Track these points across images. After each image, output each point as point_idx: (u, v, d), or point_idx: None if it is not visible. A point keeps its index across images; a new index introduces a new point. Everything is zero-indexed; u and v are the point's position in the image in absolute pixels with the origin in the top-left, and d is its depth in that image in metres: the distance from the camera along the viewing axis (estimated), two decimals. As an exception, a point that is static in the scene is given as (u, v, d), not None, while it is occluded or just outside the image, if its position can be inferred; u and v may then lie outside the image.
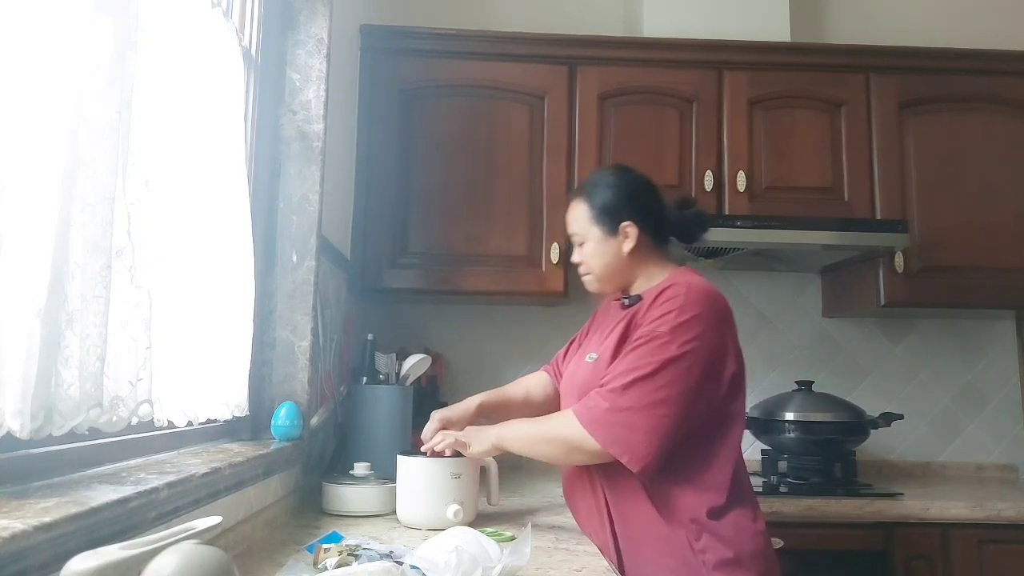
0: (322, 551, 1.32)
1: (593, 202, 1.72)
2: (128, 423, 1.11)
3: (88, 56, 0.98)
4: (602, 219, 1.70)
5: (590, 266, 1.74)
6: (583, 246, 1.74)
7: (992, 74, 2.73)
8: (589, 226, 1.71)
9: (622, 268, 1.71)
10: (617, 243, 1.69)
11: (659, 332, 1.52)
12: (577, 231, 1.75)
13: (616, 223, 1.69)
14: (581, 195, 1.75)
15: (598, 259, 1.71)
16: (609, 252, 1.70)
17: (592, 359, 1.66)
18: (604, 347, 1.64)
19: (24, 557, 0.75)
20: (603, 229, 1.70)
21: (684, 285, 1.57)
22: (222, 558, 0.80)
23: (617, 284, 1.74)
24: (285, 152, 1.97)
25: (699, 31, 2.73)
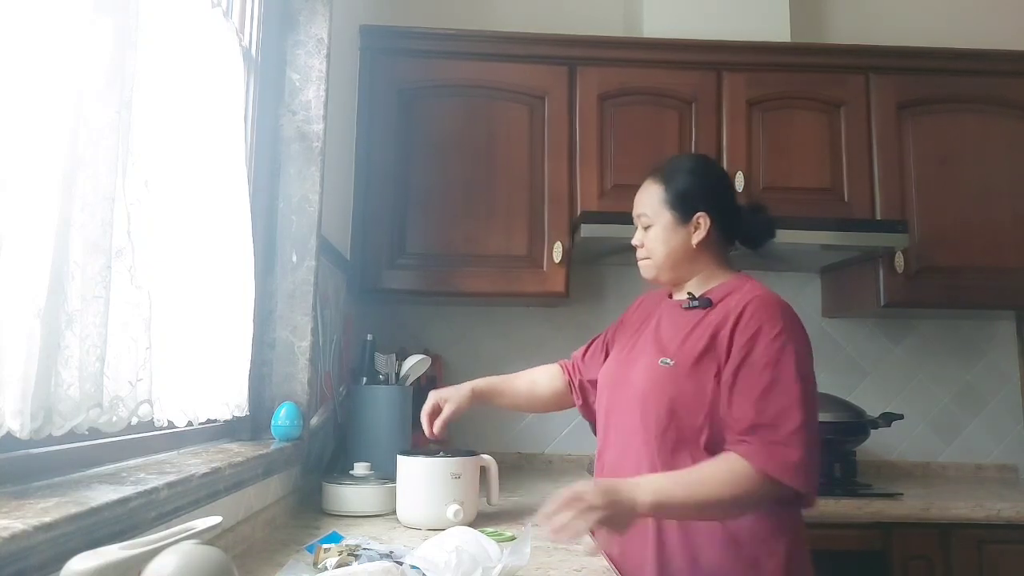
0: (322, 551, 1.32)
1: (671, 185, 1.64)
2: (128, 423, 1.11)
3: (88, 56, 0.98)
4: (677, 205, 1.63)
5: (652, 251, 1.66)
6: (649, 229, 1.66)
7: (992, 75, 2.73)
8: (661, 209, 1.64)
9: (685, 260, 1.64)
10: (687, 233, 1.62)
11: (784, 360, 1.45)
12: (647, 212, 1.66)
13: (691, 212, 1.62)
14: (658, 176, 1.67)
15: (663, 246, 1.64)
16: (676, 240, 1.63)
17: (668, 363, 1.55)
18: (682, 352, 1.54)
19: (24, 557, 0.75)
20: (676, 215, 1.63)
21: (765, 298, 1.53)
22: (222, 558, 0.80)
23: (674, 276, 1.67)
24: (285, 152, 1.97)
25: (699, 32, 2.73)
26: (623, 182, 2.58)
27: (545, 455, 2.86)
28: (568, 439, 2.87)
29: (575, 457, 2.84)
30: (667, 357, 1.57)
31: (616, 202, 2.55)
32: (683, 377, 1.52)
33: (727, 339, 1.50)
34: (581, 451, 2.82)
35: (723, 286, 1.62)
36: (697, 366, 1.51)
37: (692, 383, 1.51)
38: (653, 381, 1.56)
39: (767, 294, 1.56)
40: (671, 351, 1.57)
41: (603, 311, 2.92)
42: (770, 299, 1.54)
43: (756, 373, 1.45)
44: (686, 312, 1.62)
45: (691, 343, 1.55)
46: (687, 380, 1.51)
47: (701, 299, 1.62)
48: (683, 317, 1.62)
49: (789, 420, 1.41)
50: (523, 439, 2.87)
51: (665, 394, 1.52)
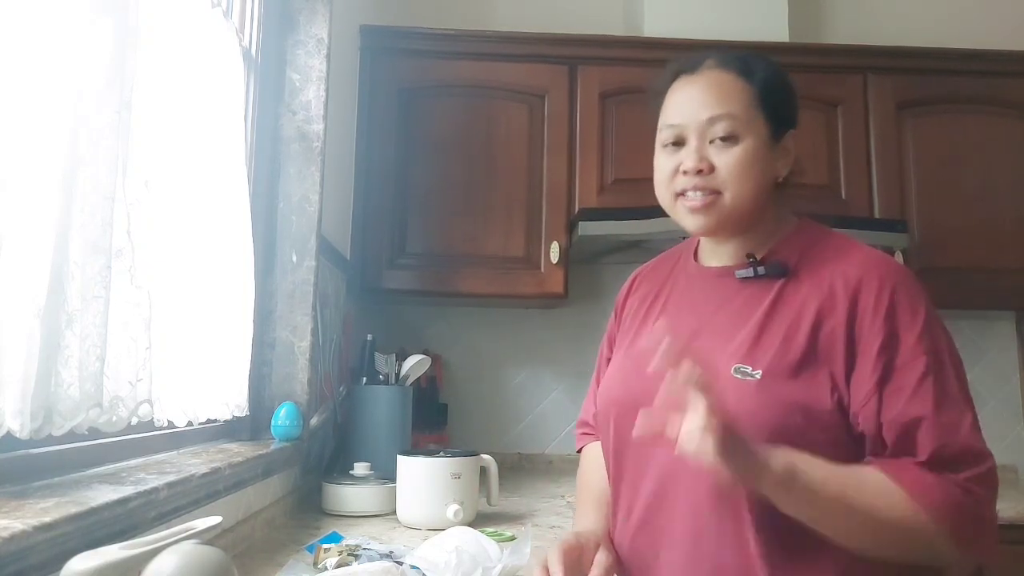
0: (322, 551, 1.32)
1: (762, 80, 1.13)
2: (128, 423, 1.11)
3: (88, 56, 0.98)
4: (776, 113, 1.13)
5: (732, 179, 1.09)
6: (730, 142, 1.09)
7: (991, 75, 2.73)
8: (754, 114, 1.11)
9: (765, 198, 1.12)
10: (778, 158, 1.14)
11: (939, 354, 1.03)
12: (735, 113, 1.10)
13: (786, 127, 1.15)
14: (731, 66, 1.14)
15: (751, 169, 1.09)
16: (767, 164, 1.11)
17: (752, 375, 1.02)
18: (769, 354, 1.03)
19: (24, 557, 0.75)
20: (772, 128, 1.12)
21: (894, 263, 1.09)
22: (222, 558, 0.80)
23: (747, 223, 1.13)
24: (285, 152, 1.97)
25: (699, 31, 2.72)
26: (624, 176, 2.58)
27: (545, 455, 2.86)
28: (568, 439, 2.87)
29: (575, 457, 2.82)
30: (744, 363, 1.03)
31: (617, 197, 2.55)
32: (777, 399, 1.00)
33: (843, 331, 1.02)
34: (581, 451, 2.82)
35: (789, 241, 1.14)
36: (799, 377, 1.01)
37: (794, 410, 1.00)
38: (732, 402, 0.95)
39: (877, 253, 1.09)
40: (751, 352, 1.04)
41: (602, 311, 2.92)
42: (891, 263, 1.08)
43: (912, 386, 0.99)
44: (743, 285, 1.12)
45: (779, 337, 1.04)
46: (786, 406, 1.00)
47: (770, 264, 1.11)
48: (740, 294, 1.12)
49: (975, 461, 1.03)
50: (523, 439, 2.86)
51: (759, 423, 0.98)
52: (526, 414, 2.87)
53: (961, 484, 0.99)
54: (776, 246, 1.13)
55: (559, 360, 2.91)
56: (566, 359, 2.91)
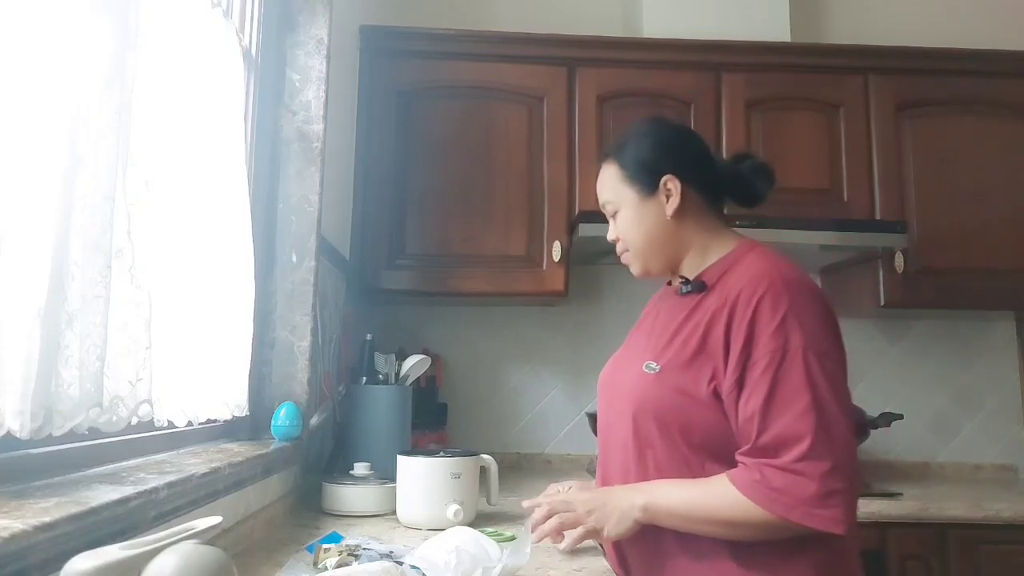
0: (322, 551, 1.32)
1: (624, 159, 1.41)
2: (128, 423, 1.11)
3: (88, 56, 0.98)
4: (637, 176, 1.39)
5: (628, 239, 1.42)
6: (617, 216, 1.43)
7: (991, 75, 2.74)
8: (622, 189, 1.41)
9: (667, 237, 1.39)
10: (658, 204, 1.38)
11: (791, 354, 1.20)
12: (609, 198, 1.44)
13: (655, 179, 1.38)
14: (609, 155, 1.45)
15: (636, 228, 1.40)
16: (649, 217, 1.38)
17: (653, 369, 1.32)
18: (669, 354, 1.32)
19: (24, 557, 0.75)
20: (639, 189, 1.39)
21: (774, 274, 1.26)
22: (222, 558, 0.80)
23: (664, 260, 1.41)
24: (284, 152, 1.97)
25: (698, 32, 2.73)
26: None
27: (545, 455, 2.86)
28: (567, 439, 2.88)
29: (574, 457, 2.84)
30: (652, 360, 1.34)
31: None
32: (668, 387, 1.29)
33: (722, 334, 1.25)
34: (580, 451, 2.83)
35: (722, 261, 1.36)
36: (686, 371, 1.28)
37: (678, 394, 1.27)
38: (638, 391, 1.33)
39: (771, 266, 1.29)
40: (657, 352, 1.34)
41: (602, 311, 2.92)
42: (773, 274, 1.26)
43: (755, 380, 1.21)
44: (682, 299, 1.38)
45: (680, 341, 1.31)
46: (672, 390, 1.28)
47: (694, 282, 1.37)
48: (678, 307, 1.38)
49: (793, 443, 1.16)
50: (523, 439, 2.87)
51: (649, 408, 1.31)
52: (526, 414, 2.87)
53: (781, 467, 1.17)
54: (708, 268, 1.38)
55: (559, 360, 2.91)
56: (566, 359, 2.91)
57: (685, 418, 1.27)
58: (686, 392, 1.27)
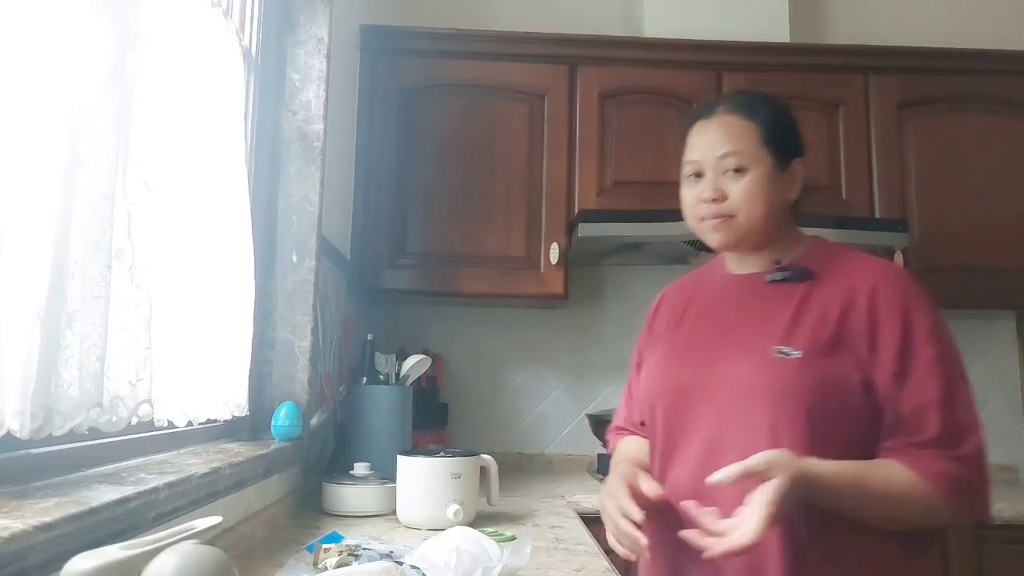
0: (322, 551, 1.32)
1: (766, 122, 1.30)
2: (128, 423, 1.11)
3: (88, 56, 0.98)
4: (778, 145, 1.29)
5: (743, 205, 1.27)
6: (740, 175, 1.27)
7: (991, 74, 2.73)
8: (759, 149, 1.28)
9: (779, 217, 1.31)
10: (785, 182, 1.30)
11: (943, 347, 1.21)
12: (741, 150, 1.28)
13: (789, 156, 1.31)
14: (740, 109, 1.31)
15: (762, 196, 1.27)
16: (776, 191, 1.29)
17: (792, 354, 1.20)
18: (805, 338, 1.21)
19: (24, 557, 0.75)
20: (777, 160, 1.29)
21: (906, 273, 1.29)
22: (222, 558, 0.80)
23: (763, 239, 1.31)
24: (285, 152, 1.96)
25: (699, 31, 2.72)
26: (624, 179, 2.58)
27: (545, 455, 2.86)
28: (569, 439, 2.87)
29: (576, 457, 2.84)
30: (784, 345, 1.21)
31: (617, 199, 2.55)
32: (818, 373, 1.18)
33: (866, 325, 1.20)
34: (582, 451, 2.82)
35: (807, 253, 1.32)
36: (830, 359, 1.19)
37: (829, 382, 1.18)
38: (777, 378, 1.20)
39: (891, 265, 1.30)
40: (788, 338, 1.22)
41: (603, 313, 2.92)
42: (901, 271, 1.28)
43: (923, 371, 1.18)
44: (772, 287, 1.29)
45: (808, 328, 1.22)
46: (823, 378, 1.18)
47: (796, 269, 1.29)
48: (771, 293, 1.29)
49: (970, 435, 1.16)
50: (523, 439, 2.86)
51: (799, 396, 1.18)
52: (526, 414, 2.87)
53: (962, 459, 1.15)
54: (798, 256, 1.31)
55: (559, 360, 2.91)
56: (566, 359, 2.91)
57: (835, 408, 1.18)
58: (837, 381, 1.18)
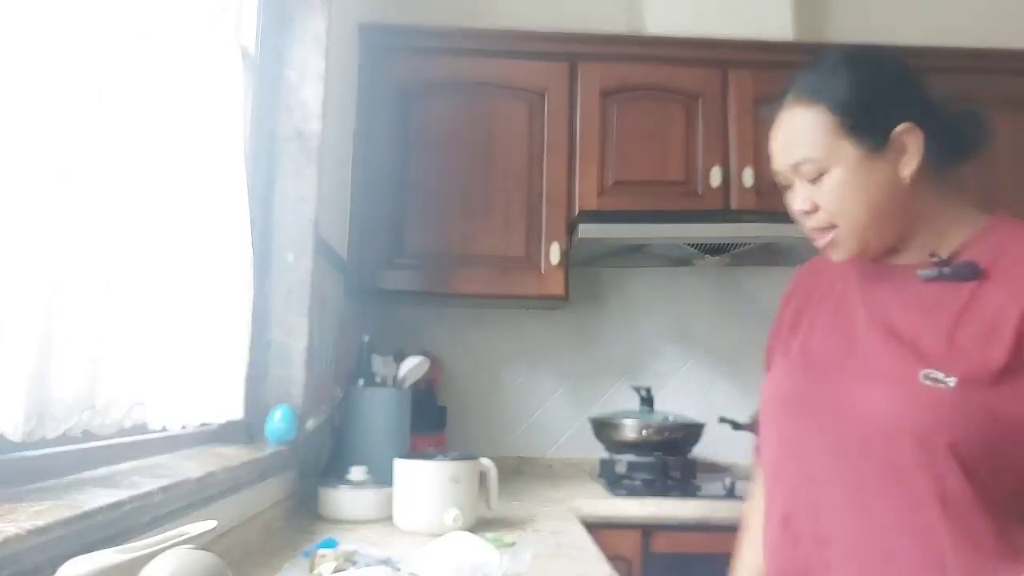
0: (318, 557, 1.30)
1: (838, 103, 1.06)
2: (121, 426, 1.10)
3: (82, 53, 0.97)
4: (862, 126, 1.05)
5: (840, 211, 1.06)
6: (822, 179, 1.07)
7: (996, 73, 2.72)
8: (835, 142, 1.05)
9: (899, 206, 1.06)
10: (888, 163, 1.05)
11: None
12: (811, 155, 1.07)
13: (886, 129, 1.04)
14: (807, 95, 1.10)
15: (858, 195, 1.05)
16: (877, 179, 1.04)
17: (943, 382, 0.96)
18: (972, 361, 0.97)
19: (17, 561, 0.74)
20: (864, 143, 1.04)
21: None
22: (217, 563, 0.79)
23: (891, 237, 1.08)
24: (282, 151, 1.95)
25: (702, 28, 2.71)
26: (626, 178, 2.57)
27: (546, 459, 2.84)
28: (570, 443, 2.85)
29: (576, 461, 2.82)
30: (935, 368, 0.97)
31: (618, 200, 2.54)
32: (975, 407, 0.95)
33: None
34: (583, 455, 2.80)
35: (981, 238, 1.05)
36: (1000, 386, 0.95)
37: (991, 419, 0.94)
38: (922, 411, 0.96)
39: None
40: (942, 359, 0.98)
41: (604, 314, 2.90)
42: None
43: None
44: (926, 286, 1.05)
45: (976, 343, 0.97)
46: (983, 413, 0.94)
47: (957, 264, 1.03)
48: (924, 295, 1.05)
49: None
50: (524, 443, 2.85)
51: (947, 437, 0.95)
52: (526, 417, 2.86)
53: None
54: (963, 244, 1.05)
55: (560, 363, 2.89)
56: (567, 362, 2.89)
57: (1000, 453, 0.94)
58: (1008, 418, 0.94)
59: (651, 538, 2.13)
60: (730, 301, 2.90)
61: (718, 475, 2.55)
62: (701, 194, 2.56)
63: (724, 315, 2.88)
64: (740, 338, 2.83)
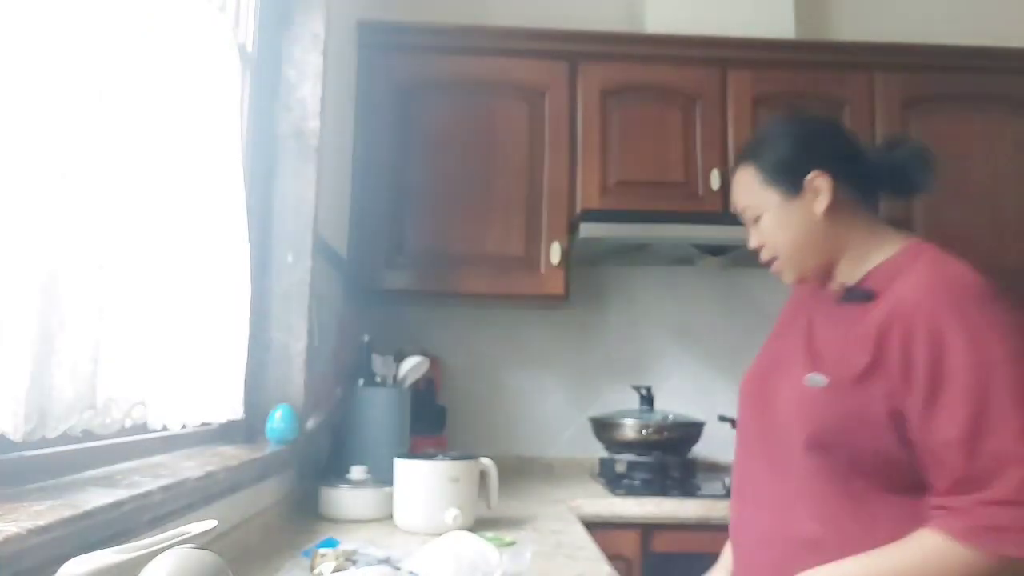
0: (319, 556, 1.30)
1: (763, 161, 1.33)
2: (122, 426, 1.10)
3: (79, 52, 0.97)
4: (779, 177, 1.30)
5: (774, 245, 1.33)
6: (759, 222, 1.34)
7: (998, 72, 2.71)
8: (763, 192, 1.32)
9: (819, 238, 1.29)
10: (806, 204, 1.28)
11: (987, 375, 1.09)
12: (748, 203, 1.35)
13: (799, 177, 1.28)
14: (746, 159, 1.36)
15: (783, 232, 1.30)
16: (797, 218, 1.29)
17: (820, 383, 1.21)
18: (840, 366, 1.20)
19: (17, 560, 0.74)
20: (782, 190, 1.30)
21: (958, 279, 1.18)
22: (217, 563, 0.79)
23: (818, 264, 1.31)
24: (280, 150, 1.95)
25: (703, 27, 2.70)
26: (627, 179, 2.57)
27: (546, 459, 2.84)
28: (569, 443, 2.85)
29: (577, 461, 2.82)
30: (818, 372, 1.22)
31: (619, 200, 2.54)
32: (838, 404, 1.18)
33: (900, 348, 1.14)
34: (582, 455, 2.80)
35: (887, 265, 1.25)
36: (858, 388, 1.17)
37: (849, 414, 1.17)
38: (803, 406, 1.23)
39: (948, 272, 1.19)
40: (819, 363, 1.24)
41: (605, 314, 2.90)
42: (954, 280, 1.18)
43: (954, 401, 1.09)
44: (844, 308, 1.27)
45: (850, 353, 1.20)
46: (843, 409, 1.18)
47: (857, 290, 1.26)
48: (840, 314, 1.28)
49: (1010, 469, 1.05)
50: (523, 442, 2.85)
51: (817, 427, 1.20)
52: (526, 417, 2.85)
53: (1002, 501, 1.05)
54: (870, 273, 1.27)
55: (560, 362, 2.89)
56: (567, 361, 2.89)
57: (856, 442, 1.17)
58: (859, 413, 1.16)
59: (651, 537, 2.13)
60: (730, 301, 2.90)
61: (717, 474, 2.55)
62: (701, 196, 2.56)
63: (724, 315, 2.88)
64: (740, 338, 2.83)
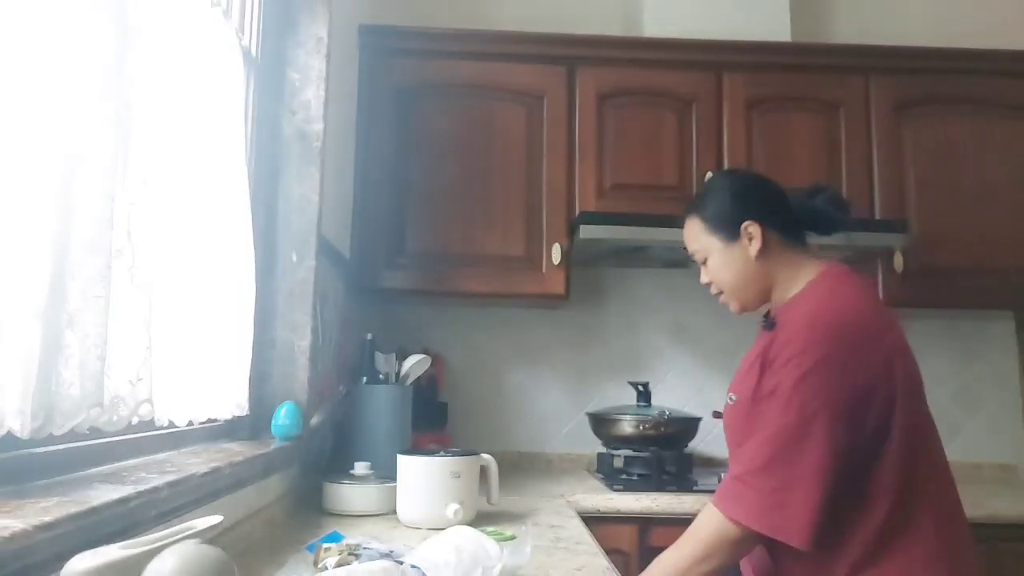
0: (322, 550, 1.31)
1: (705, 213, 1.57)
2: (128, 423, 1.11)
3: (87, 55, 0.98)
4: (719, 226, 1.55)
5: (720, 282, 1.57)
6: (707, 263, 1.58)
7: (993, 75, 2.72)
8: (707, 239, 1.56)
9: (755, 275, 1.52)
10: (742, 248, 1.52)
11: (782, 389, 1.33)
12: (696, 248, 1.59)
13: (735, 226, 1.52)
14: (692, 211, 1.61)
15: (726, 271, 1.54)
16: (735, 260, 1.53)
17: (731, 400, 1.50)
18: (744, 385, 1.45)
19: (24, 556, 0.75)
20: (723, 236, 1.54)
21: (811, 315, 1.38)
22: (222, 557, 0.80)
23: (757, 296, 1.55)
24: (285, 152, 1.97)
25: (699, 31, 2.72)
26: (622, 182, 2.58)
27: (546, 454, 2.86)
28: (569, 438, 2.87)
29: (575, 456, 2.84)
30: (733, 391, 1.50)
31: (616, 202, 2.55)
32: (741, 418, 1.44)
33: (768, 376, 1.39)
34: (581, 450, 2.82)
35: (796, 296, 1.48)
36: (753, 405, 1.40)
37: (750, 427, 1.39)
38: (725, 419, 1.53)
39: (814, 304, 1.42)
40: (736, 384, 1.51)
41: (605, 314, 2.92)
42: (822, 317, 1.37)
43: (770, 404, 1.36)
44: (761, 334, 1.51)
45: (748, 375, 1.44)
46: (744, 422, 1.42)
47: (768, 319, 1.51)
48: (759, 340, 1.50)
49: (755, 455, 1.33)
50: (523, 438, 2.86)
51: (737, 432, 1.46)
52: (526, 414, 2.87)
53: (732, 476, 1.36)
54: (788, 303, 1.48)
55: (560, 361, 2.91)
56: (566, 360, 2.91)
57: None
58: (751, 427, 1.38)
59: (648, 531, 2.15)
60: (725, 302, 2.90)
61: (713, 469, 2.57)
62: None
63: (719, 314, 2.88)
64: (734, 336, 2.84)
